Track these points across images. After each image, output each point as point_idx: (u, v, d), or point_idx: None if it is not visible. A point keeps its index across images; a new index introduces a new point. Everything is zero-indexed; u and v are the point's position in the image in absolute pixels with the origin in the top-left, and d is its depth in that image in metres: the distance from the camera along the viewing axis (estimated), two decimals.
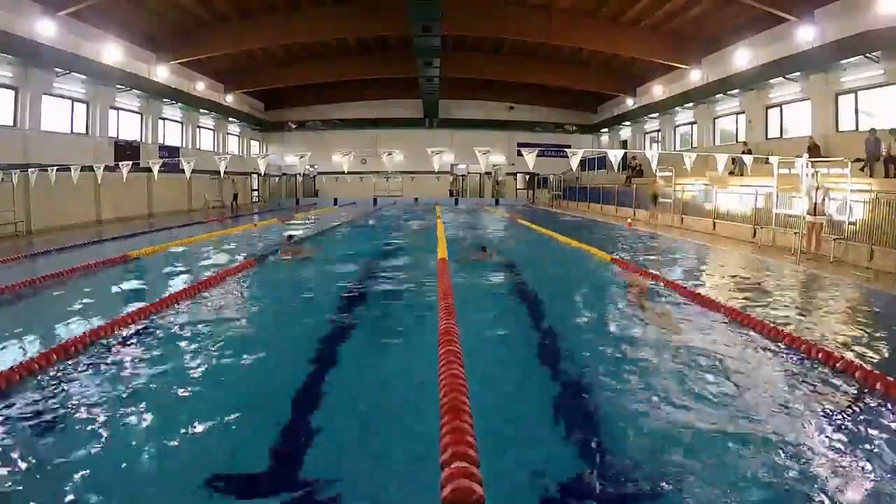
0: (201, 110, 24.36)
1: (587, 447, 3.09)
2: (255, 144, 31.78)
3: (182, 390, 3.82)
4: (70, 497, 2.55)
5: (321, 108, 31.24)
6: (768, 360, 4.53)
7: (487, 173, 32.46)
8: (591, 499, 2.66)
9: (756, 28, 16.69)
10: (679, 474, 2.79)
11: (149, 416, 3.39)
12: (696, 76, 20.30)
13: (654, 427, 3.33)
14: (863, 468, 2.87)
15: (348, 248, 12.18)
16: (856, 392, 3.82)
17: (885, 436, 3.19)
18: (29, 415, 3.37)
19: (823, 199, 10.20)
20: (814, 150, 13.68)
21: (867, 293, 7.30)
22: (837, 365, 4.20)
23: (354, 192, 31.03)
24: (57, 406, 3.51)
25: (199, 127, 25.17)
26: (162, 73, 19.83)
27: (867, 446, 3.08)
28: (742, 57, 17.22)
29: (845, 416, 3.49)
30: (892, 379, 3.78)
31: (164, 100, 21.46)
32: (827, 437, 3.21)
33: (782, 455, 2.98)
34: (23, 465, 2.80)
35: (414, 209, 25.38)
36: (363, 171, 30.53)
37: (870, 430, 3.28)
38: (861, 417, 3.46)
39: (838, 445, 3.10)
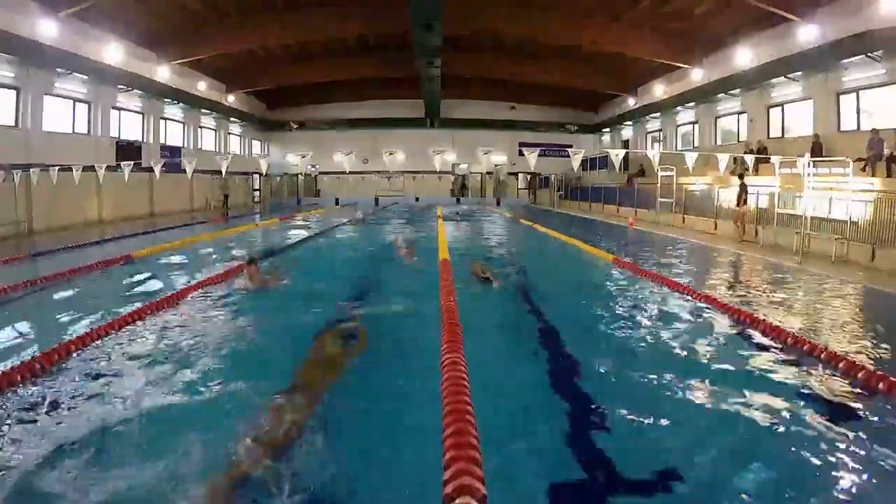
0: (203, 110, 24.37)
1: (590, 447, 3.09)
2: (256, 144, 31.78)
3: (183, 390, 3.82)
4: (71, 497, 2.56)
5: (323, 107, 31.21)
6: (770, 361, 4.52)
7: (489, 173, 32.45)
8: (593, 499, 2.66)
9: (757, 27, 16.65)
10: (680, 476, 2.79)
11: (147, 417, 3.40)
12: (697, 76, 20.27)
13: (655, 426, 3.33)
14: (863, 467, 2.86)
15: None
16: (858, 393, 3.82)
17: (885, 436, 3.19)
18: (30, 415, 3.37)
19: (745, 193, 12.65)
20: (816, 148, 13.68)
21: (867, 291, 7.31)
22: (840, 364, 4.20)
23: (356, 191, 31.03)
24: (56, 407, 3.51)
25: (200, 127, 25.17)
26: (163, 73, 19.84)
27: (868, 446, 3.08)
28: (743, 56, 17.18)
29: (848, 416, 3.49)
30: (893, 379, 3.78)
31: (166, 100, 21.47)
32: (829, 438, 3.20)
33: (782, 454, 2.98)
34: (23, 467, 2.80)
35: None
36: (365, 171, 30.55)
37: (871, 430, 3.27)
38: (863, 418, 3.46)
39: (840, 446, 3.10)
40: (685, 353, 4.70)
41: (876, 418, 3.44)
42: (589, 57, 24.04)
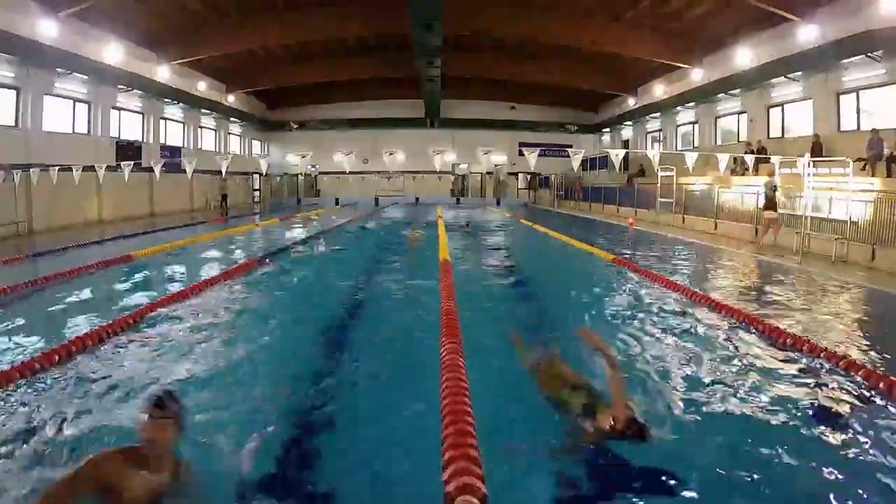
0: (203, 110, 24.35)
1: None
2: (256, 144, 31.78)
3: (183, 391, 3.81)
4: None
5: (322, 107, 31.19)
6: (770, 361, 4.52)
7: (489, 173, 32.44)
8: (592, 498, 2.66)
9: (757, 27, 16.64)
10: (680, 476, 2.79)
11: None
12: (697, 76, 20.25)
13: (655, 424, 3.32)
14: (863, 467, 2.86)
15: None
16: (858, 392, 3.82)
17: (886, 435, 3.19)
18: (30, 416, 3.37)
19: (775, 195, 11.34)
20: (816, 148, 13.68)
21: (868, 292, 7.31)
22: (840, 364, 4.19)
23: (356, 191, 31.03)
24: (58, 407, 3.51)
25: (200, 127, 25.15)
26: (163, 73, 19.83)
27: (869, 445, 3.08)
28: (743, 56, 17.17)
29: (849, 416, 3.48)
30: (894, 378, 3.78)
31: (166, 100, 21.46)
32: (829, 437, 3.20)
33: (781, 453, 2.97)
34: (24, 468, 2.79)
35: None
36: (365, 171, 30.55)
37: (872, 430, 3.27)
38: (864, 417, 3.46)
39: (840, 445, 3.10)
40: (684, 352, 4.69)
41: (876, 418, 3.43)
42: (589, 57, 24.04)
